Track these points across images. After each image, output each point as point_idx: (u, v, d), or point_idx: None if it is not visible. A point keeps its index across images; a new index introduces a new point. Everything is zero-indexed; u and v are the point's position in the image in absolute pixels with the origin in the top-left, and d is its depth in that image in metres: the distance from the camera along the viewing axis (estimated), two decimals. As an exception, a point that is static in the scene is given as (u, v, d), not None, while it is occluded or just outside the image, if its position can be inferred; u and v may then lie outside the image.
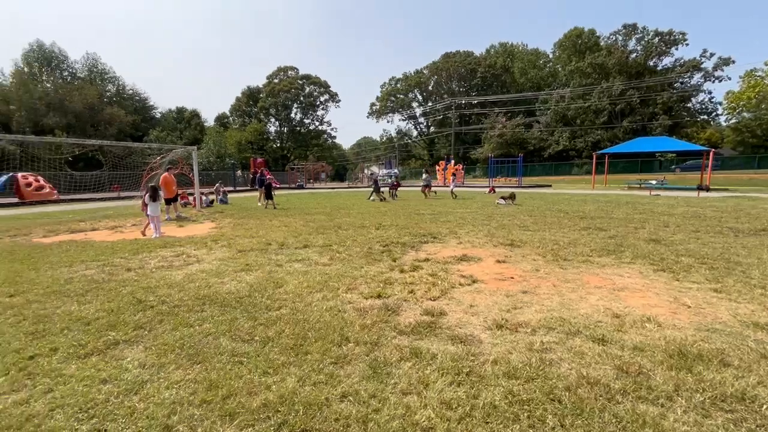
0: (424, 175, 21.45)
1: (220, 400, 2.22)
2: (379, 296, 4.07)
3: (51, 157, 26.04)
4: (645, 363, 2.58)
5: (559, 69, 62.78)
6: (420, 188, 20.47)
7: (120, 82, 57.47)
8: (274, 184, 15.75)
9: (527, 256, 5.91)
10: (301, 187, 38.13)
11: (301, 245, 6.96)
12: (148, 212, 8.77)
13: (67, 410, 2.16)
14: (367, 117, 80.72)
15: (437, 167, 40.21)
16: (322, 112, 73.21)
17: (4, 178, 21.31)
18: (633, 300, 3.88)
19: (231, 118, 70.98)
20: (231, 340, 3.01)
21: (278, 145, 70.57)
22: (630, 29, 53.01)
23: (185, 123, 60.84)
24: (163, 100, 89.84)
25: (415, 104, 79.10)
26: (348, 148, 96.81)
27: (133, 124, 51.68)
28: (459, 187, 24.71)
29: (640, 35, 53.05)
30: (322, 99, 72.17)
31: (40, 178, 22.67)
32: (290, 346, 2.88)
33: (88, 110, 45.78)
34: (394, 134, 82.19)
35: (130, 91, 58.58)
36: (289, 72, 70.41)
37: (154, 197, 8.69)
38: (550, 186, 29.29)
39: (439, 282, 4.55)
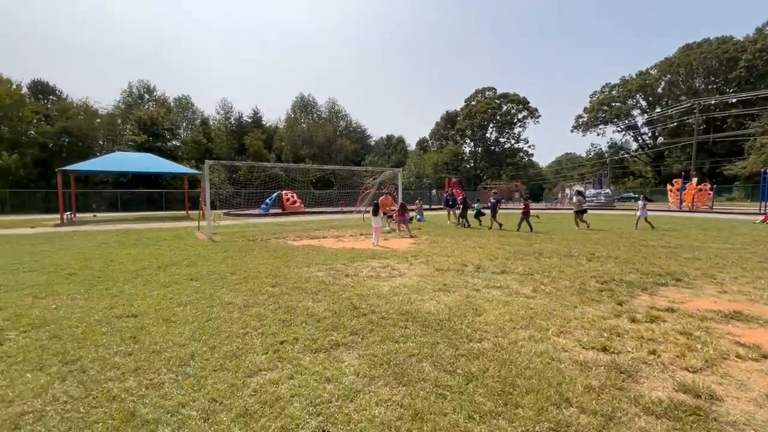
0: (574, 198, 15.35)
1: (425, 436, 2.10)
2: (604, 349, 3.25)
3: (302, 179, 34.47)
4: None
5: None
6: (573, 213, 14.43)
7: (348, 119, 71.22)
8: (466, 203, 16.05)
9: None
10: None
11: (498, 270, 6.53)
12: (373, 224, 10.42)
13: (302, 400, 2.48)
14: (572, 131, 72.49)
15: (670, 187, 31.96)
16: (520, 129, 70.48)
17: (275, 195, 29.40)
18: None
19: (430, 142, 76.89)
20: (433, 367, 2.92)
21: (471, 164, 71.76)
22: None
23: (392, 148, 69.84)
24: (377, 129, 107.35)
25: (636, 112, 66.27)
26: (545, 166, 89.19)
27: (355, 151, 63.00)
28: (678, 212, 18.52)
29: None
30: (519, 116, 69.57)
31: (294, 194, 30.22)
32: (497, 392, 2.55)
33: (326, 142, 58.74)
34: (605, 148, 70.89)
35: (354, 125, 71.67)
36: (487, 93, 71.11)
37: (375, 212, 10.32)
38: None
39: (699, 346, 3.31)
